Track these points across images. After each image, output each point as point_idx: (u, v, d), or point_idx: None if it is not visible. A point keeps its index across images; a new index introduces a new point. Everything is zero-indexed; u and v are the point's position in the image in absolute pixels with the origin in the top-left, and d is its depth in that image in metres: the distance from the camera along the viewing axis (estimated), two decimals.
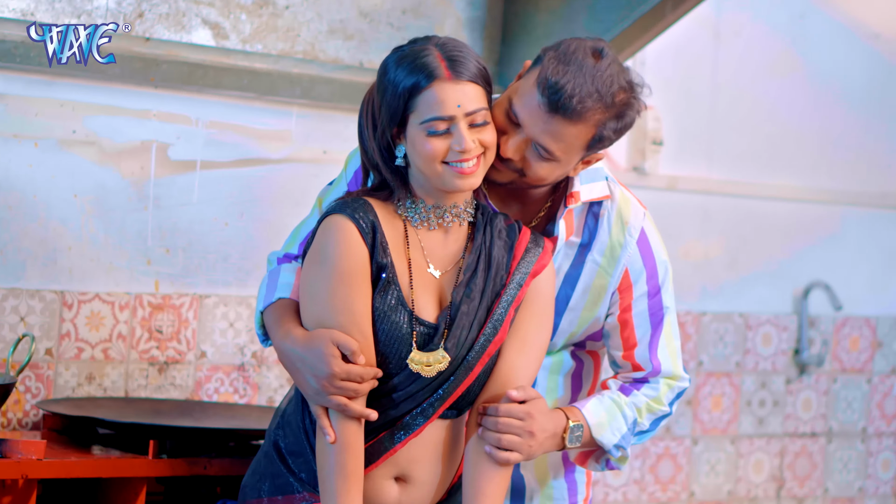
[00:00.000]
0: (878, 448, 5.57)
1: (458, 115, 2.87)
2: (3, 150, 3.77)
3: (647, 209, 3.19)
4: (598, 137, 2.98)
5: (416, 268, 2.94)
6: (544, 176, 3.02)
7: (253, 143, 4.11)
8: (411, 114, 2.87)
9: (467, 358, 2.92)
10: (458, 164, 2.88)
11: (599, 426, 3.10)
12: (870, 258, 5.50)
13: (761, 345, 5.27)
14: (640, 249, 3.15)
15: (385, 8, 4.26)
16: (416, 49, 2.90)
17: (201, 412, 3.82)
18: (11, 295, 3.79)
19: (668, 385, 3.18)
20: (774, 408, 5.31)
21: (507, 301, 2.96)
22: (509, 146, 2.98)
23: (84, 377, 3.90)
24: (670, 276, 3.20)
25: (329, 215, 2.91)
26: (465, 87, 2.88)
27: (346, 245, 2.87)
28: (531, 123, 2.96)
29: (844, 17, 5.36)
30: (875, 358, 5.54)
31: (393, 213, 2.95)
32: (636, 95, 2.99)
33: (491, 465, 2.95)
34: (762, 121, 5.22)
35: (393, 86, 2.88)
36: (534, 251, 3.01)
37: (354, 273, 2.87)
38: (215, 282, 4.08)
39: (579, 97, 2.92)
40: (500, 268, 2.98)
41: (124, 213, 3.94)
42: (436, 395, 2.91)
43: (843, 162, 5.41)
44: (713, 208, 5.14)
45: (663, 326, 3.18)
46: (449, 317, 2.92)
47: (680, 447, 5.12)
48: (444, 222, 2.96)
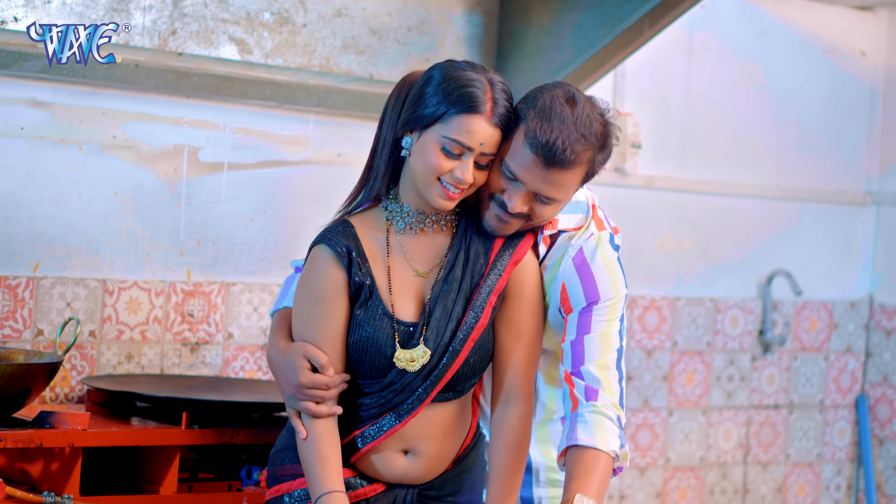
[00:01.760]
0: (834, 418, 5.57)
1: (476, 151, 2.84)
2: (51, 153, 3.77)
3: (604, 230, 3.05)
4: (590, 172, 2.94)
5: (398, 272, 2.92)
6: (551, 216, 2.98)
7: (274, 147, 4.11)
8: (440, 123, 2.83)
9: (452, 346, 2.90)
10: (449, 185, 2.85)
11: (604, 442, 2.91)
12: (826, 249, 5.49)
13: (729, 326, 5.26)
14: (576, 265, 3.02)
15: (392, 26, 4.25)
16: (471, 76, 2.84)
17: (229, 387, 3.82)
18: (59, 283, 3.80)
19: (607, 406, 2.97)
20: (741, 382, 5.31)
21: (487, 289, 2.92)
22: (516, 203, 2.91)
23: (124, 356, 3.90)
24: (613, 290, 3.00)
25: (314, 245, 2.92)
26: (494, 131, 2.85)
27: (323, 272, 2.88)
28: (530, 179, 2.89)
29: (804, 33, 5.35)
30: (831, 338, 5.53)
31: (376, 223, 2.93)
32: (609, 121, 2.95)
33: (516, 437, 2.96)
34: (730, 126, 5.22)
35: (442, 93, 2.83)
36: (513, 242, 2.96)
37: (328, 297, 2.88)
38: (241, 271, 4.08)
39: (571, 148, 2.86)
40: (478, 260, 2.94)
41: (160, 210, 3.94)
42: (427, 382, 2.90)
43: (803, 163, 5.41)
44: (687, 205, 5.13)
45: (599, 332, 2.99)
46: (428, 311, 2.91)
47: (657, 418, 5.12)
48: (425, 227, 2.94)
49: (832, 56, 5.43)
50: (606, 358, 2.96)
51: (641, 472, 5.08)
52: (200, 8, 3.94)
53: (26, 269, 3.75)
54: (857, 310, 5.57)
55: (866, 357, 5.61)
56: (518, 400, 2.98)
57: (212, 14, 3.96)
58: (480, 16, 4.42)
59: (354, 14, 4.19)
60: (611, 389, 2.95)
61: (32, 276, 3.76)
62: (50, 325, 3.77)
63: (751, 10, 5.20)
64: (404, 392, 2.90)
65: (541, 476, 3.22)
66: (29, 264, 3.75)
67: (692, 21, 4.95)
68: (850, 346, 5.57)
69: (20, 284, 3.74)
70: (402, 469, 2.95)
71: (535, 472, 3.21)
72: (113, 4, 3.78)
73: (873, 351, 5.59)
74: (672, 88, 5.05)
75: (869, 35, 5.51)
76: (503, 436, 2.97)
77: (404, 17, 4.28)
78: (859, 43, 5.50)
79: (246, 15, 4.01)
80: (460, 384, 2.94)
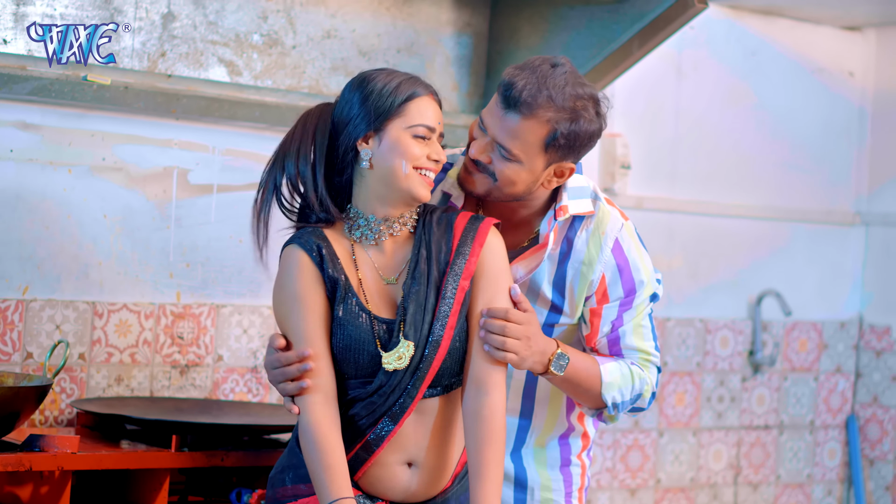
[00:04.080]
0: (824, 439, 5.58)
1: (437, 130, 2.92)
2: (40, 175, 3.77)
3: (627, 220, 3.15)
4: (552, 136, 2.94)
5: (368, 279, 2.94)
6: (512, 179, 2.99)
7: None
8: (397, 118, 2.89)
9: (431, 337, 2.90)
10: (427, 172, 2.90)
11: (610, 385, 3.08)
12: (816, 269, 5.51)
13: (719, 347, 5.27)
14: (616, 256, 3.10)
15: (382, 48, 4.26)
16: (396, 71, 2.94)
17: (218, 410, 3.82)
18: (48, 305, 3.79)
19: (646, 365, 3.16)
20: (732, 403, 5.32)
21: (455, 274, 2.93)
22: (475, 147, 2.99)
23: (113, 379, 3.90)
24: (647, 275, 3.12)
25: (284, 247, 2.96)
26: (439, 111, 2.94)
27: (295, 271, 2.92)
28: (491, 124, 2.97)
29: (792, 53, 5.38)
30: (821, 358, 5.54)
31: (340, 235, 2.96)
32: (591, 106, 2.98)
33: (490, 428, 2.92)
34: (719, 146, 5.23)
35: (382, 91, 2.89)
36: (473, 225, 2.97)
37: (305, 293, 2.90)
38: (231, 293, 4.08)
39: (528, 92, 2.92)
40: (441, 249, 2.95)
41: (149, 232, 3.94)
42: (415, 377, 2.90)
43: (792, 183, 5.42)
44: (676, 225, 5.14)
45: (633, 321, 3.13)
46: (403, 308, 2.92)
47: (647, 439, 5.12)
48: (393, 232, 2.96)
49: (821, 76, 5.45)
50: (648, 349, 3.14)
51: (632, 493, 5.08)
52: (190, 30, 3.95)
53: (15, 292, 3.75)
54: (847, 330, 5.58)
55: (856, 377, 5.62)
56: (489, 389, 2.93)
57: (201, 36, 3.97)
58: (470, 37, 4.44)
59: (344, 36, 4.20)
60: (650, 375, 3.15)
61: (22, 299, 3.76)
62: (39, 348, 3.77)
63: (739, 31, 5.22)
64: (394, 393, 2.90)
65: (535, 495, 3.23)
66: (18, 287, 3.75)
67: (681, 41, 4.97)
68: (839, 367, 5.58)
69: (9, 307, 3.74)
70: (406, 483, 2.95)
71: (530, 489, 3.23)
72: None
73: (863, 371, 5.60)
74: (661, 109, 5.07)
75: (857, 55, 5.54)
76: (478, 429, 2.92)
77: (393, 38, 4.29)
78: (848, 63, 5.52)
79: (235, 37, 4.02)
80: (446, 378, 2.94)
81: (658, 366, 3.16)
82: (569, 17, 4.24)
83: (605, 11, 4.14)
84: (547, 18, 4.29)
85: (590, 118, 2.97)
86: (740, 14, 5.21)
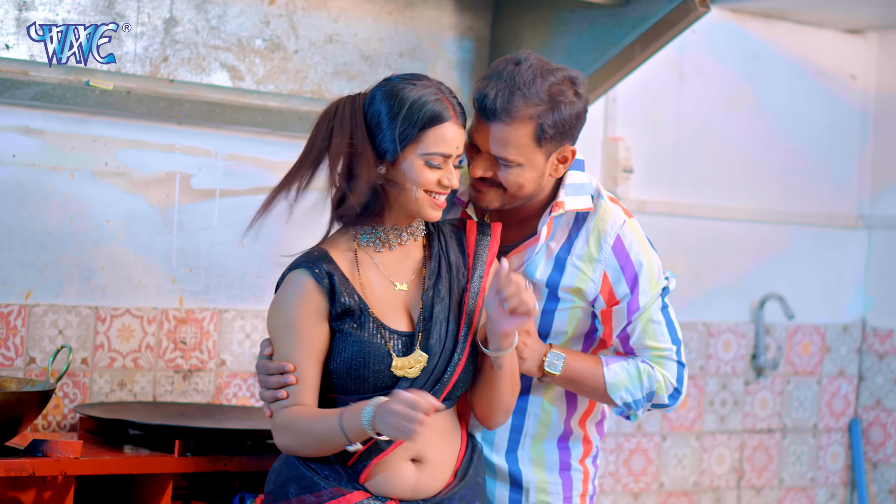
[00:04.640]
0: (827, 442, 5.58)
1: (454, 155, 2.92)
2: (42, 180, 3.77)
3: (631, 217, 3.15)
4: (540, 130, 2.96)
5: (377, 287, 2.96)
6: (520, 182, 3.02)
7: (266, 173, 4.11)
8: (415, 144, 2.90)
9: (456, 352, 2.94)
10: (438, 195, 2.92)
11: (614, 386, 3.10)
12: (819, 272, 5.51)
13: (722, 350, 5.27)
14: (616, 254, 3.11)
15: (384, 52, 4.26)
16: (426, 88, 2.92)
17: (221, 414, 3.82)
18: (51, 310, 3.80)
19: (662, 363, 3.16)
20: (734, 407, 5.32)
21: (473, 293, 2.99)
22: (474, 167, 3.01)
23: (116, 384, 3.90)
24: (651, 271, 3.13)
25: (291, 270, 2.98)
26: (462, 132, 2.93)
27: (296, 298, 2.93)
28: (479, 139, 2.99)
29: (793, 56, 5.38)
30: (824, 361, 5.54)
31: (345, 245, 2.98)
32: (567, 89, 2.99)
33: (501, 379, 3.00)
34: (721, 150, 5.23)
35: (409, 111, 2.89)
36: (483, 242, 3.03)
37: (302, 323, 2.93)
38: (233, 297, 4.08)
39: (502, 98, 2.94)
40: (459, 267, 3.00)
41: (152, 237, 3.94)
42: (434, 389, 2.92)
43: (794, 186, 5.42)
44: (679, 229, 5.14)
45: (641, 319, 3.13)
46: (424, 319, 2.94)
47: (650, 443, 5.12)
48: (401, 241, 2.99)
49: (822, 79, 5.45)
50: (662, 348, 3.13)
51: (635, 497, 5.08)
52: (192, 35, 3.95)
53: (18, 297, 3.75)
54: (850, 333, 5.58)
55: (859, 380, 5.62)
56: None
57: (203, 41, 3.97)
58: (471, 41, 4.44)
59: (346, 40, 4.20)
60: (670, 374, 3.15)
61: (24, 304, 3.76)
62: (42, 353, 3.77)
63: (741, 34, 5.23)
64: None
65: (530, 496, 3.23)
66: (21, 292, 3.75)
67: (683, 45, 4.97)
68: (842, 370, 5.57)
69: (12, 312, 3.74)
70: (413, 480, 2.96)
71: (525, 490, 3.23)
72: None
73: (866, 374, 5.60)
74: (663, 112, 5.07)
75: (859, 58, 5.54)
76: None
77: (395, 42, 4.29)
78: (849, 66, 5.52)
79: (237, 41, 4.02)
80: (458, 390, 2.99)
81: (678, 360, 3.15)
82: (570, 21, 4.24)
83: (606, 15, 4.14)
84: (549, 22, 4.30)
85: (569, 101, 2.99)
86: (742, 17, 5.21)
